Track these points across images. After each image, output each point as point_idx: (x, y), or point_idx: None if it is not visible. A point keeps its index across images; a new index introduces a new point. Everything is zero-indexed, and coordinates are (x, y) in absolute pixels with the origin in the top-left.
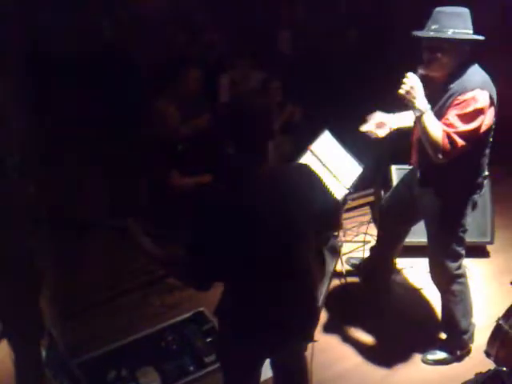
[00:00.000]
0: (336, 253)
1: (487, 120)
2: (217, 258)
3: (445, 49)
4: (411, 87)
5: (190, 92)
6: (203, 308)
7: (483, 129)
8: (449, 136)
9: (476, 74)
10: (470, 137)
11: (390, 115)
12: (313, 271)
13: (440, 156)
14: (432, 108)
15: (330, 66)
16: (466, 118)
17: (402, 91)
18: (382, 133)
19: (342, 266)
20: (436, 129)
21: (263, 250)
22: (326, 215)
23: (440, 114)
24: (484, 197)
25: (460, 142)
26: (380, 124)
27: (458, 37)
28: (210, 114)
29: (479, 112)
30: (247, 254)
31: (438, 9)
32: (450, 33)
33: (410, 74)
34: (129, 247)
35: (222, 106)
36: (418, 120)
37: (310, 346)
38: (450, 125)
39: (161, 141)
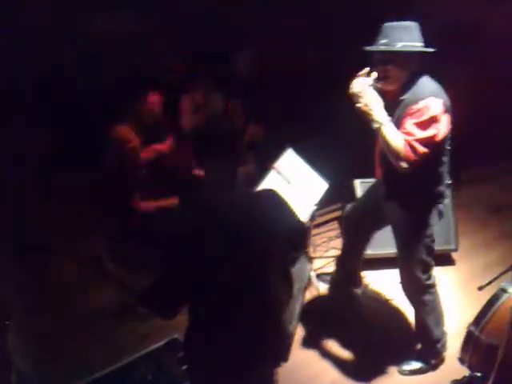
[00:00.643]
0: (306, 270)
1: (443, 127)
2: (179, 283)
3: (395, 61)
4: (368, 100)
5: (150, 116)
6: (177, 335)
7: (440, 136)
8: (409, 144)
9: (428, 83)
10: (429, 143)
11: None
12: (278, 295)
13: (404, 164)
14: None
15: (292, 83)
16: (423, 125)
17: (359, 105)
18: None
19: (313, 282)
20: (396, 138)
21: (227, 275)
22: (293, 238)
23: (397, 125)
24: (446, 205)
25: (421, 149)
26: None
27: (406, 49)
28: (173, 137)
29: (434, 119)
30: (211, 279)
31: (386, 24)
32: (399, 46)
33: (365, 87)
34: (100, 275)
35: (184, 130)
36: (378, 132)
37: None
38: (408, 133)
39: (123, 166)
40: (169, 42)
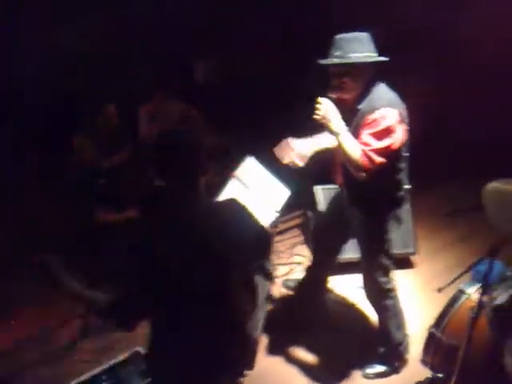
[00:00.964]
0: (270, 277)
1: (398, 136)
2: (141, 295)
3: (350, 73)
4: (325, 111)
5: (108, 126)
6: (140, 347)
7: (396, 145)
8: (366, 154)
9: (384, 92)
10: (386, 153)
11: (306, 141)
12: (242, 304)
13: (361, 174)
14: (347, 130)
15: (252, 92)
16: (379, 135)
17: (317, 116)
18: (301, 162)
19: (277, 289)
20: (354, 148)
21: (189, 285)
22: (256, 247)
23: (354, 134)
24: (404, 209)
25: (377, 159)
26: (298, 154)
27: (360, 60)
28: (132, 147)
29: (390, 129)
30: (173, 290)
31: (338, 36)
32: (352, 57)
33: (322, 99)
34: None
35: (143, 140)
36: (337, 142)
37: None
38: (364, 143)
39: (81, 177)
40: (129, 52)
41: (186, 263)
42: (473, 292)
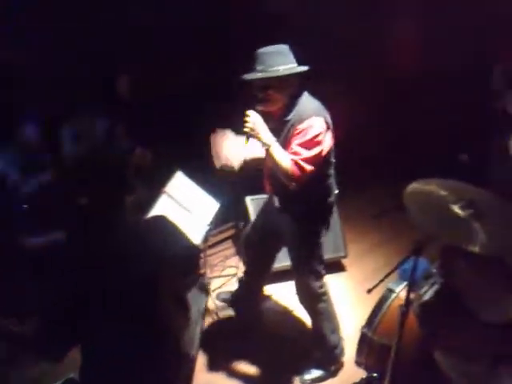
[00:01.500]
0: (205, 291)
1: (327, 143)
2: (69, 319)
3: (275, 85)
4: (254, 124)
5: (29, 148)
6: (73, 374)
7: (325, 152)
8: (296, 163)
9: (309, 102)
10: (315, 161)
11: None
12: (173, 320)
13: (292, 183)
14: (276, 140)
15: (176, 105)
16: (308, 144)
17: (246, 129)
18: (236, 164)
19: (213, 302)
20: (284, 159)
21: (119, 306)
22: (186, 263)
23: (284, 145)
24: (333, 214)
25: (307, 167)
26: (234, 155)
27: (284, 73)
28: (55, 167)
29: (318, 137)
30: (102, 311)
31: (260, 50)
32: (275, 70)
33: (250, 112)
34: None
35: (68, 160)
36: (267, 153)
37: None
38: (295, 153)
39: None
40: (47, 70)
41: (114, 284)
42: (400, 290)
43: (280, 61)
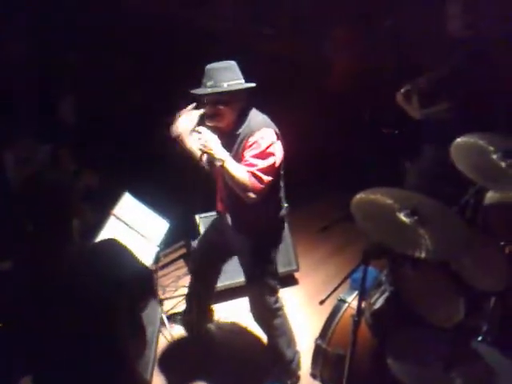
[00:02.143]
0: (158, 313)
1: (279, 154)
2: (19, 351)
3: (224, 101)
4: (205, 141)
5: None
6: None
7: (278, 162)
8: (254, 175)
9: (257, 116)
10: (271, 171)
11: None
12: (130, 345)
13: (251, 195)
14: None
15: (119, 125)
16: (262, 155)
17: (199, 146)
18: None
19: (166, 324)
20: (240, 171)
21: (73, 334)
22: (138, 286)
23: (237, 159)
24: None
25: (265, 177)
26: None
27: (233, 88)
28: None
29: (271, 148)
30: (56, 341)
31: (209, 66)
32: (225, 86)
33: (201, 129)
34: None
35: (14, 185)
36: (222, 168)
37: None
38: (250, 165)
39: None
40: None
41: (65, 312)
42: (352, 300)
43: (229, 76)
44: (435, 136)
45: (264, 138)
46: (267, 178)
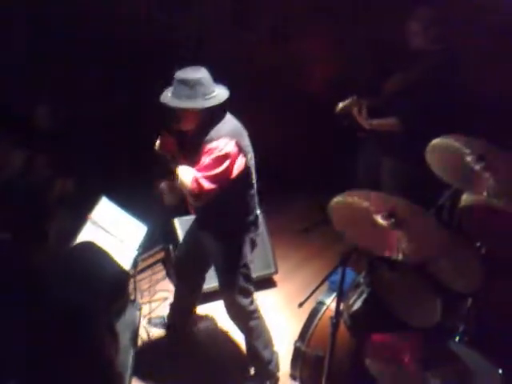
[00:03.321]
0: (136, 317)
1: (237, 165)
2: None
3: (183, 110)
4: (163, 143)
5: None
6: None
7: (235, 173)
8: (196, 180)
9: (224, 123)
10: (217, 181)
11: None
12: (107, 351)
13: (191, 199)
14: (191, 157)
15: (94, 133)
16: (212, 164)
17: (155, 148)
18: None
19: (145, 328)
20: (186, 175)
21: (54, 342)
22: (116, 290)
23: (197, 162)
24: (261, 231)
25: (207, 185)
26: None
27: (181, 106)
28: None
29: (223, 158)
30: (37, 350)
31: (178, 74)
32: (176, 102)
33: (161, 132)
34: None
35: None
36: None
37: None
38: (198, 170)
39: None
40: None
41: (42, 316)
42: (331, 302)
43: (186, 93)
44: (385, 148)
45: (219, 147)
46: (210, 186)
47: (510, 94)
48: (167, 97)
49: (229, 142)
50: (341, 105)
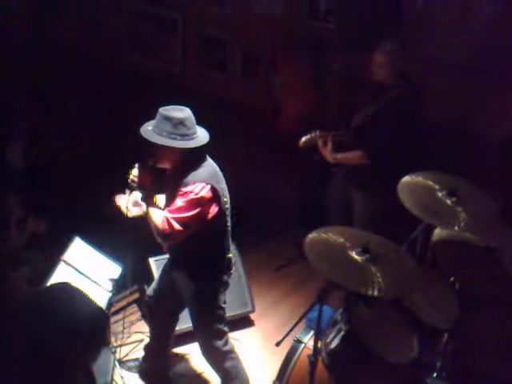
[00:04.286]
0: (110, 361)
1: (211, 209)
2: None
3: (161, 147)
4: (137, 178)
5: None
6: None
7: (208, 218)
8: (167, 221)
9: (203, 167)
10: (187, 224)
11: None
12: None
13: (159, 238)
14: (166, 196)
15: (66, 171)
16: (184, 206)
17: (130, 182)
18: (135, 211)
19: (119, 372)
20: (157, 214)
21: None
22: (92, 331)
23: (170, 202)
24: (238, 270)
25: (177, 227)
26: (135, 203)
27: (158, 142)
28: None
29: (197, 202)
30: None
31: (161, 110)
32: (155, 138)
33: (137, 165)
34: None
35: None
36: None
37: None
38: (169, 211)
39: None
40: None
41: (14, 360)
42: (309, 340)
43: (166, 129)
44: (355, 182)
45: (194, 191)
46: (178, 228)
47: (469, 127)
48: (148, 131)
49: (205, 187)
50: (304, 139)
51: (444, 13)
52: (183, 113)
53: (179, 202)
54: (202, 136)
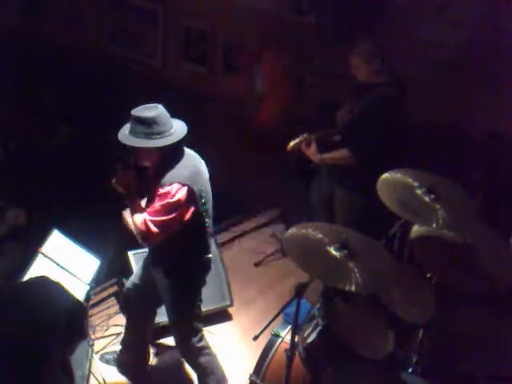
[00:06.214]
0: (88, 354)
1: (187, 212)
2: None
3: (141, 148)
4: (121, 179)
5: None
6: None
7: (184, 219)
8: (145, 223)
9: (183, 167)
10: (165, 226)
11: None
12: None
13: (140, 239)
14: (147, 195)
15: (51, 162)
16: (161, 210)
17: (114, 185)
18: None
19: (97, 365)
20: (137, 216)
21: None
22: (70, 324)
23: (150, 202)
24: (217, 264)
25: (154, 229)
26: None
27: (132, 144)
28: None
29: (173, 206)
30: None
31: (135, 111)
32: (132, 139)
33: (120, 167)
34: None
35: None
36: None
37: None
38: (148, 213)
39: None
40: None
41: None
42: (286, 334)
43: (139, 130)
44: (336, 177)
45: (170, 193)
46: (156, 230)
47: (454, 126)
48: (125, 135)
49: (181, 189)
50: (292, 143)
51: (424, 7)
52: (154, 111)
53: (157, 204)
54: (179, 130)
